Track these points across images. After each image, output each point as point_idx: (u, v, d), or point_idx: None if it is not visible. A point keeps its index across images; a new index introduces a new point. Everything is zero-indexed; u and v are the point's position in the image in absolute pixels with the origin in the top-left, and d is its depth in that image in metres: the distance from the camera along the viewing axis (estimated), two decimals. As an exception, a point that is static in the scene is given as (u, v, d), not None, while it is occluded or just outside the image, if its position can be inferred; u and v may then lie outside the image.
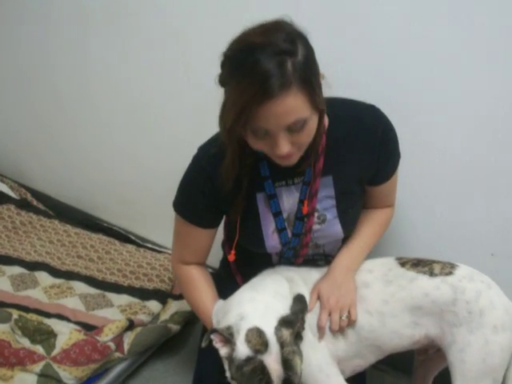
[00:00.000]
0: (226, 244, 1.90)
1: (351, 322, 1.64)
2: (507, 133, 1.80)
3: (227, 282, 1.88)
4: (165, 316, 2.43)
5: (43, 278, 2.59)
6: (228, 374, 1.48)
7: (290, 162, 1.52)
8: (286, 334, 1.44)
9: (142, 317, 2.37)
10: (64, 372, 2.05)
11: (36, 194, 3.26)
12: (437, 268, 1.66)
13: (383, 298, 1.65)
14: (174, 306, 2.48)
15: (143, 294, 2.53)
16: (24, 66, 3.09)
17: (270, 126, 1.37)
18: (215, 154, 1.61)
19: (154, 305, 2.46)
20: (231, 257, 1.77)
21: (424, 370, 1.95)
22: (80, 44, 2.78)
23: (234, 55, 1.37)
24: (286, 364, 1.41)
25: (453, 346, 1.60)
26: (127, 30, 2.55)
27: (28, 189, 3.27)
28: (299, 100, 1.35)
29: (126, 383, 2.26)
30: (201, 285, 1.81)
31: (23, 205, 3.11)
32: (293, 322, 1.48)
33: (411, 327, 1.65)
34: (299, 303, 1.58)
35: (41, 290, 2.52)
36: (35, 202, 3.17)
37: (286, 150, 1.42)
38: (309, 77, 1.36)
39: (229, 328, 1.47)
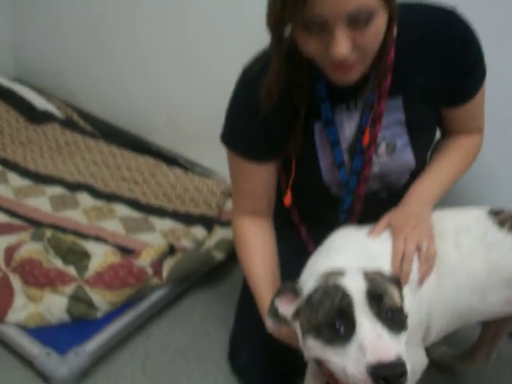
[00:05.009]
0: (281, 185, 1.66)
1: (430, 258, 1.35)
2: None
3: (286, 231, 1.67)
4: (209, 243, 2.26)
5: (84, 199, 2.46)
6: (300, 337, 1.20)
7: (350, 78, 1.28)
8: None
9: (185, 242, 2.20)
10: (96, 296, 1.91)
11: (83, 114, 3.11)
12: None
13: (488, 269, 1.36)
14: (220, 233, 2.31)
15: (188, 219, 2.36)
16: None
17: (326, 12, 1.12)
18: (262, 70, 1.37)
19: (198, 231, 2.29)
20: (287, 199, 1.55)
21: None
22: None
23: None
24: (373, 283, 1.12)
25: None
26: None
27: (75, 109, 3.13)
28: None
29: (164, 312, 2.11)
30: (254, 248, 1.59)
31: (68, 124, 2.96)
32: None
33: (507, 305, 1.40)
34: None
35: (81, 211, 2.38)
36: (81, 123, 3.02)
37: (345, 49, 1.16)
38: None
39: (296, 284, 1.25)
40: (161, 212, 2.41)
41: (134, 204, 2.45)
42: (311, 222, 1.70)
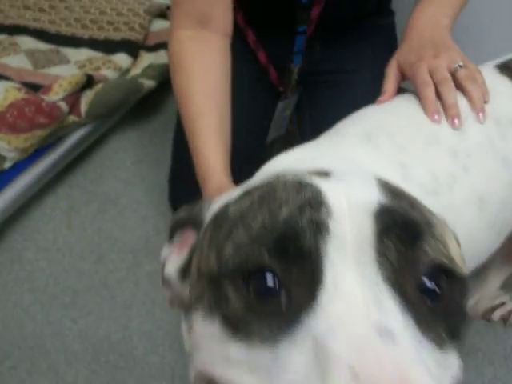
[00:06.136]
0: None
1: (477, 76, 0.94)
2: None
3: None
4: (136, 70, 1.93)
5: (-20, 34, 2.05)
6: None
7: None
8: None
9: (106, 72, 1.86)
10: (0, 142, 1.57)
11: None
12: None
13: None
14: (147, 59, 1.97)
15: (108, 46, 1.99)
16: None
17: None
18: None
19: (121, 58, 1.93)
20: None
21: None
22: None
23: None
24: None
25: None
26: None
27: None
28: None
29: (88, 156, 1.81)
30: (194, 70, 1.12)
31: None
32: None
33: None
34: None
35: (-23, 48, 1.99)
36: None
37: None
38: None
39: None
40: (74, 41, 2.03)
41: (41, 34, 2.06)
42: (259, 27, 1.36)
